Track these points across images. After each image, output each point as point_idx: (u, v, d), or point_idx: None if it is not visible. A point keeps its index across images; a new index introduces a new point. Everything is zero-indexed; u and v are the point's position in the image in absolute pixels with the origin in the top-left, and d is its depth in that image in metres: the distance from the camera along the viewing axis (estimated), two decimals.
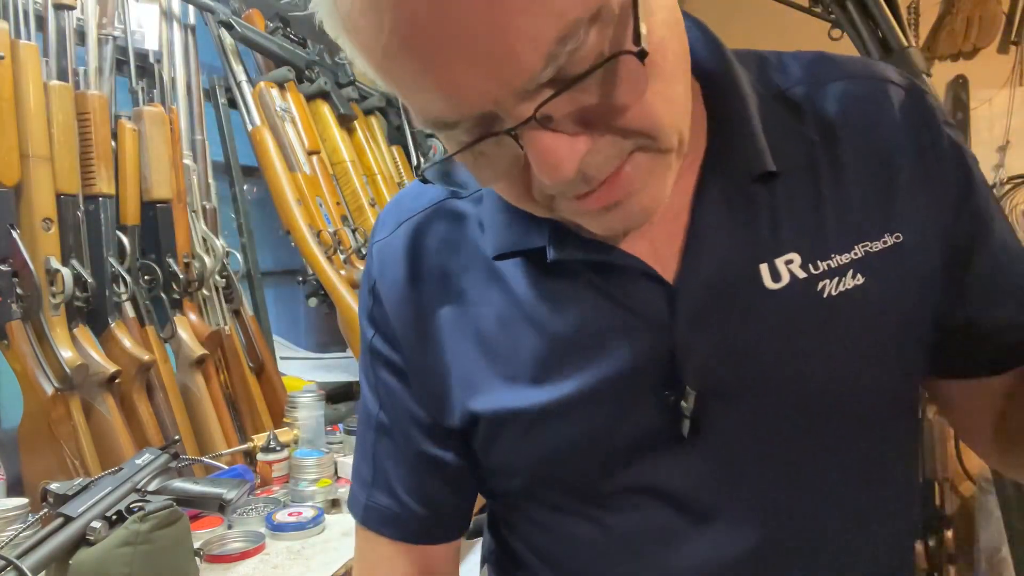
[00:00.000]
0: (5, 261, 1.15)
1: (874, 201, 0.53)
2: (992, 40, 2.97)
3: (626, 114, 0.42)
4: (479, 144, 0.42)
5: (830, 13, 1.69)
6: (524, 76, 0.38)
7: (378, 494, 0.65)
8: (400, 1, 0.37)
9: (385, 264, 0.62)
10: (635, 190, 0.45)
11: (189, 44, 1.63)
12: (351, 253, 1.83)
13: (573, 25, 0.37)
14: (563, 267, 0.54)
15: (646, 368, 0.53)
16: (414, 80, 0.41)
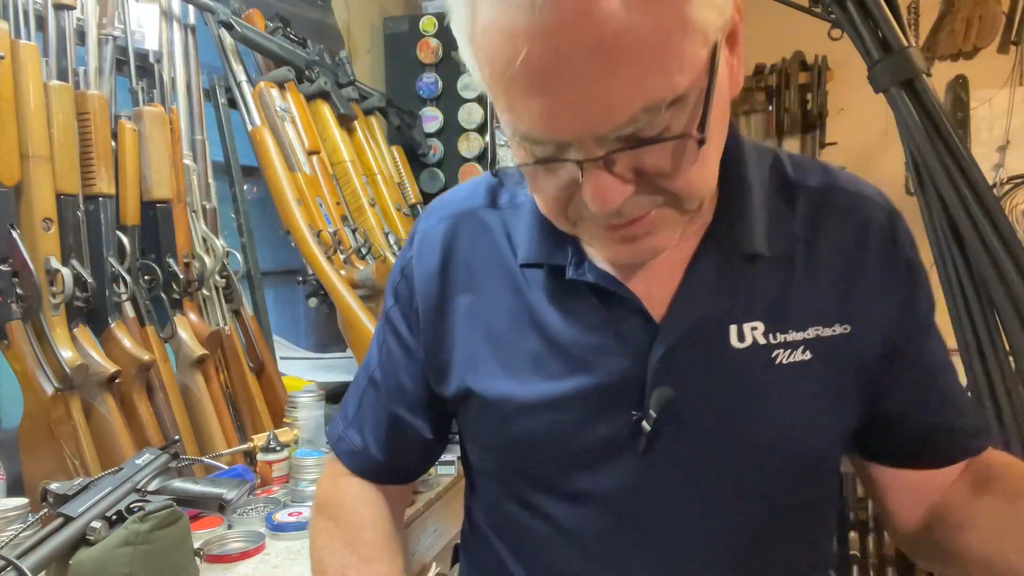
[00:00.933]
0: (5, 261, 1.15)
1: (834, 296, 0.64)
2: (992, 40, 2.97)
3: (671, 180, 0.53)
4: (550, 163, 0.54)
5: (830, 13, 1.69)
6: (608, 127, 0.49)
7: (352, 432, 0.80)
8: (537, 39, 0.46)
9: (423, 249, 0.73)
10: (650, 233, 0.57)
11: (189, 44, 1.63)
12: (351, 253, 1.83)
13: (658, 101, 0.48)
14: (575, 286, 0.65)
15: (621, 386, 0.64)
16: (524, 101, 0.50)
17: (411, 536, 1.31)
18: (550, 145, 0.52)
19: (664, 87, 0.48)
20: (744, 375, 0.64)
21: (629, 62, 0.46)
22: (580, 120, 0.49)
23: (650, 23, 0.46)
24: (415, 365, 0.75)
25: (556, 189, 0.56)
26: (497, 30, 0.48)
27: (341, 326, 1.76)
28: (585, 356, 0.65)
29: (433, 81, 2.44)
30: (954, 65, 3.03)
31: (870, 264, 0.66)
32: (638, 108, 0.48)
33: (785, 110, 3.10)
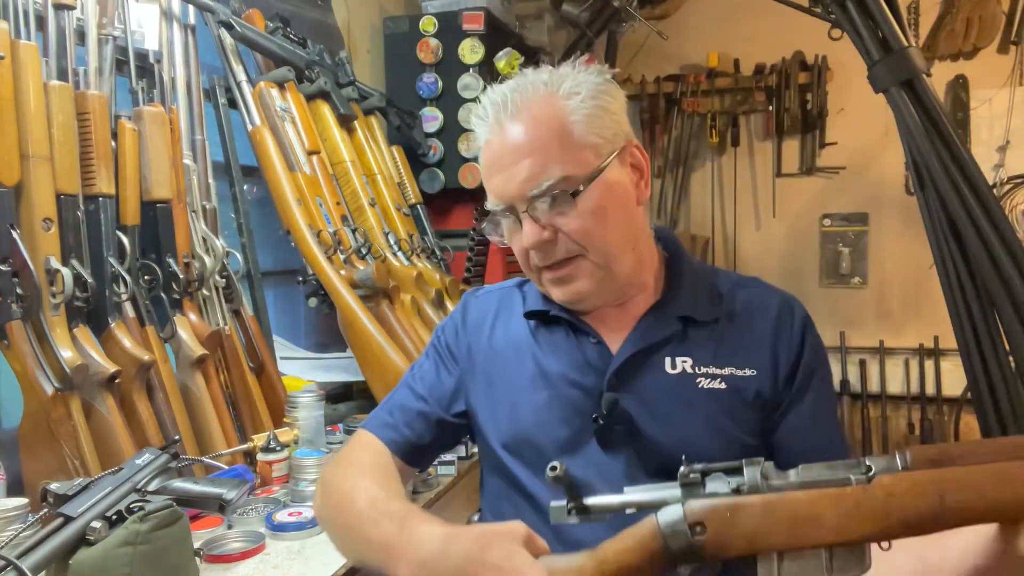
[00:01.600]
0: (5, 261, 1.15)
1: (745, 350, 0.93)
2: (992, 40, 2.97)
3: (570, 229, 0.88)
4: (506, 219, 0.93)
5: (830, 13, 1.69)
6: (526, 192, 0.88)
7: (383, 413, 1.03)
8: (494, 146, 0.91)
9: (466, 307, 1.08)
10: (572, 278, 0.92)
11: (189, 44, 1.63)
12: (351, 253, 1.83)
13: (552, 177, 0.87)
14: (557, 325, 0.98)
15: (586, 396, 0.92)
16: (488, 175, 0.93)
17: None
18: (505, 206, 0.91)
19: (555, 172, 0.87)
20: (674, 392, 0.91)
21: (534, 158, 0.88)
22: (515, 189, 0.89)
23: (545, 140, 0.88)
24: (449, 375, 1.04)
25: (517, 240, 0.92)
26: (485, 143, 0.93)
27: (341, 326, 1.77)
28: (563, 373, 0.95)
29: (433, 81, 2.44)
30: (954, 65, 3.03)
31: (772, 333, 0.94)
32: (541, 181, 0.87)
33: (785, 110, 3.09)
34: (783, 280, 3.21)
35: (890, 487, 0.57)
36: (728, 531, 0.61)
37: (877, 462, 0.60)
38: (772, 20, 3.03)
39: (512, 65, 2.41)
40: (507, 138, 0.89)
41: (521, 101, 0.90)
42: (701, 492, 0.64)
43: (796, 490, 0.61)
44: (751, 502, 0.61)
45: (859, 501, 0.58)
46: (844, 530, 0.58)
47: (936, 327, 2.92)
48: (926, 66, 1.59)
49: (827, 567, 0.59)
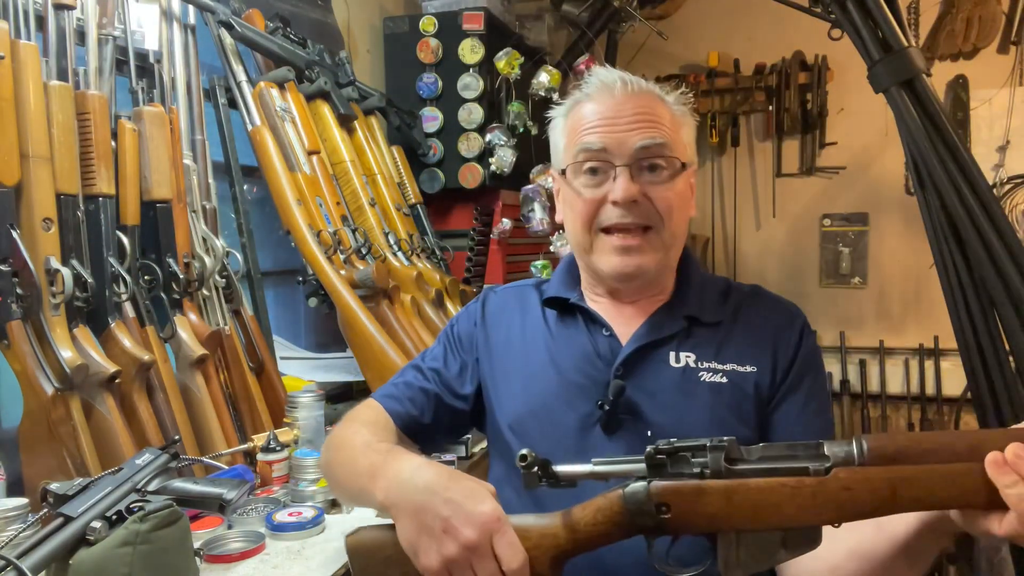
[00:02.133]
0: (5, 261, 1.15)
1: (748, 351, 0.98)
2: (992, 40, 2.97)
3: (659, 197, 0.94)
4: (599, 164, 0.96)
5: (830, 13, 1.69)
6: (638, 142, 0.94)
7: (390, 386, 1.09)
8: (617, 96, 0.98)
9: (484, 300, 1.13)
10: (641, 250, 0.96)
11: (189, 44, 1.63)
12: (351, 253, 1.83)
13: (661, 142, 0.95)
14: (574, 313, 1.03)
15: (596, 383, 0.97)
16: (596, 123, 0.97)
17: None
18: (603, 153, 0.95)
19: (668, 142, 0.95)
20: (677, 383, 0.96)
21: (655, 125, 0.96)
22: (627, 139, 0.94)
23: (664, 118, 0.97)
24: (456, 361, 1.08)
25: (594, 193, 0.96)
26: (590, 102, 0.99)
27: (341, 326, 1.76)
28: (575, 360, 1.00)
29: (433, 81, 2.44)
30: (954, 65, 3.03)
31: (772, 336, 1.00)
32: (657, 138, 0.94)
33: (785, 110, 3.09)
34: (783, 280, 3.21)
35: (846, 481, 0.61)
36: (691, 512, 0.65)
37: (836, 450, 0.63)
38: (772, 20, 3.03)
39: (512, 65, 2.41)
40: (630, 104, 0.96)
41: (644, 87, 0.99)
42: (667, 471, 0.67)
43: (757, 476, 0.64)
44: (714, 487, 0.65)
45: (815, 493, 0.61)
46: (800, 518, 0.62)
47: (936, 327, 2.92)
48: (926, 66, 1.59)
49: (782, 544, 0.63)
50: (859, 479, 0.61)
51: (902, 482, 0.60)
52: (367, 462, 0.87)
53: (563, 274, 1.08)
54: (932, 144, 1.56)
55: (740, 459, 0.66)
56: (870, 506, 0.61)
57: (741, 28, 3.23)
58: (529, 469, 0.72)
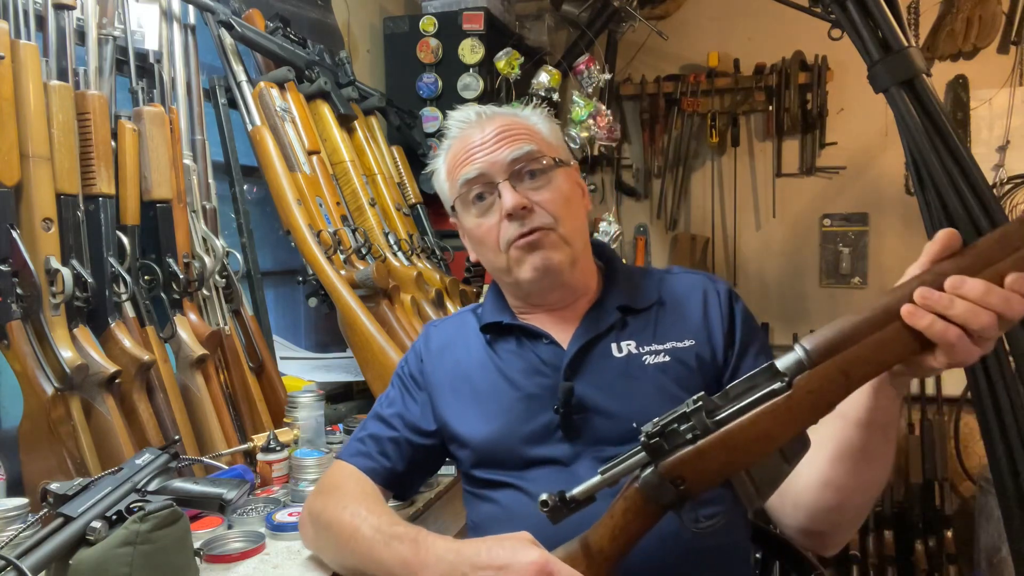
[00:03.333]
0: (5, 261, 1.15)
1: (683, 326, 1.04)
2: (992, 40, 2.96)
3: (542, 200, 1.01)
4: (479, 201, 1.04)
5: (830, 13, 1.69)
6: (508, 157, 1.02)
7: (357, 443, 1.09)
8: (475, 129, 1.06)
9: (427, 337, 1.16)
10: (543, 245, 1.00)
11: (189, 44, 1.63)
12: (351, 253, 1.83)
13: (540, 151, 1.03)
14: (510, 333, 1.07)
15: (548, 391, 1.01)
16: (466, 158, 1.04)
17: None
18: (482, 183, 1.03)
19: (534, 147, 1.02)
20: (623, 372, 1.00)
21: (515, 138, 1.03)
22: (497, 158, 1.02)
23: (522, 128, 1.05)
24: (414, 402, 1.10)
25: (490, 219, 1.03)
26: (458, 141, 1.06)
27: (341, 326, 1.76)
28: (523, 375, 1.03)
29: (433, 81, 2.44)
30: (954, 65, 3.03)
31: (701, 307, 1.05)
32: (524, 147, 1.02)
33: (785, 110, 3.09)
34: (783, 280, 3.22)
35: (808, 386, 0.68)
36: (701, 473, 0.72)
37: (787, 364, 0.70)
38: (772, 20, 3.03)
39: (512, 65, 2.41)
40: (489, 128, 1.04)
41: (496, 110, 1.08)
42: (665, 449, 0.73)
43: (739, 416, 0.71)
44: (710, 444, 0.72)
45: (790, 407, 0.69)
46: (787, 433, 0.70)
47: None
48: (926, 66, 1.58)
49: (784, 460, 0.71)
50: (817, 379, 0.68)
51: (850, 365, 0.68)
52: (393, 555, 0.88)
53: (494, 299, 1.12)
54: (932, 144, 1.56)
55: (717, 409, 0.73)
56: (834, 395, 0.69)
57: (741, 28, 3.23)
58: (555, 509, 0.77)
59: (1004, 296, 0.65)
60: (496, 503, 1.03)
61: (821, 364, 0.68)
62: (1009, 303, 0.65)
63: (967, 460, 2.96)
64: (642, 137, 3.33)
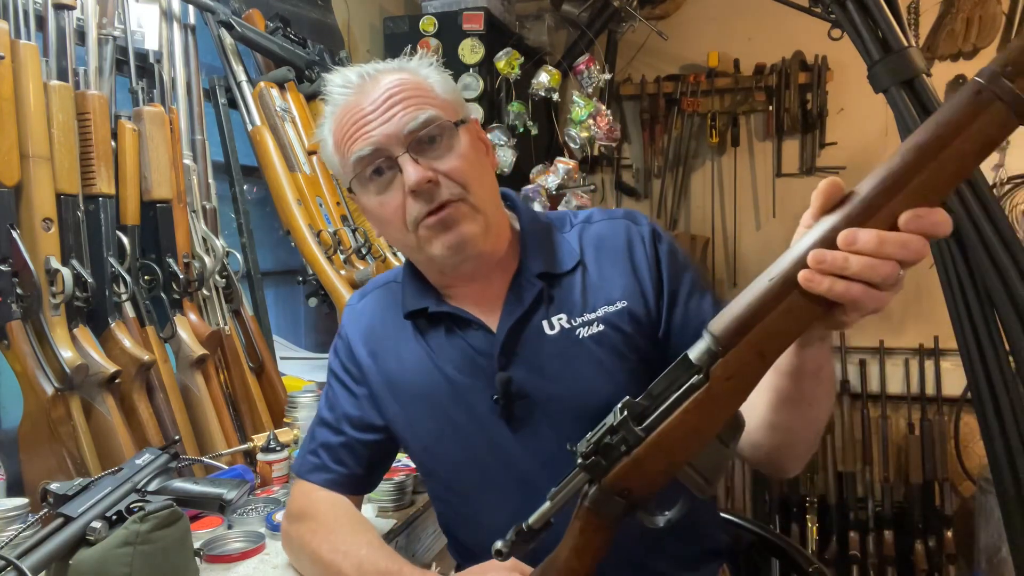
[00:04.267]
0: (5, 261, 1.15)
1: (611, 284, 0.96)
2: (992, 40, 2.96)
3: (448, 168, 0.90)
4: (379, 175, 0.92)
5: (830, 13, 1.69)
6: (405, 127, 0.89)
7: (311, 456, 1.05)
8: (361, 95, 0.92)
9: (351, 321, 1.07)
10: (455, 220, 0.90)
11: (189, 44, 1.63)
12: (351, 253, 1.83)
13: (436, 116, 0.91)
14: (438, 319, 0.99)
15: (482, 379, 0.95)
16: (357, 130, 0.91)
17: (410, 536, 1.31)
18: (380, 158, 0.90)
19: (430, 112, 0.90)
20: (559, 351, 0.94)
21: (408, 101, 0.91)
22: (391, 129, 0.89)
23: (413, 88, 0.92)
24: (355, 398, 1.04)
25: (393, 196, 0.91)
26: (343, 107, 0.93)
27: None
28: (456, 363, 0.97)
29: None
30: (954, 65, 3.03)
31: (626, 254, 0.97)
32: (419, 115, 0.89)
33: (785, 110, 3.09)
34: None
35: (724, 373, 0.67)
36: (645, 479, 0.72)
37: (699, 354, 0.68)
38: (772, 20, 3.03)
39: (512, 65, 2.41)
40: (377, 91, 0.91)
41: (381, 68, 0.95)
42: (603, 465, 0.72)
43: (666, 417, 0.70)
44: (645, 451, 0.71)
45: (712, 397, 0.68)
46: (716, 423, 0.69)
47: (936, 327, 2.92)
48: (926, 66, 1.58)
49: (723, 445, 0.70)
50: (732, 364, 0.67)
51: (761, 343, 0.66)
52: None
53: (411, 282, 1.02)
54: None
55: (644, 412, 0.71)
56: (753, 376, 0.67)
57: (741, 28, 3.23)
58: (515, 546, 0.77)
59: (900, 241, 0.60)
60: (453, 509, 1.03)
61: (733, 349, 0.66)
62: (907, 247, 0.60)
63: (967, 460, 2.95)
64: (642, 137, 3.33)
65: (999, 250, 1.53)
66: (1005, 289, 1.53)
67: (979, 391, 1.59)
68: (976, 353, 1.58)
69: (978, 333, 1.58)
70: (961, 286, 1.60)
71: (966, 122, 0.57)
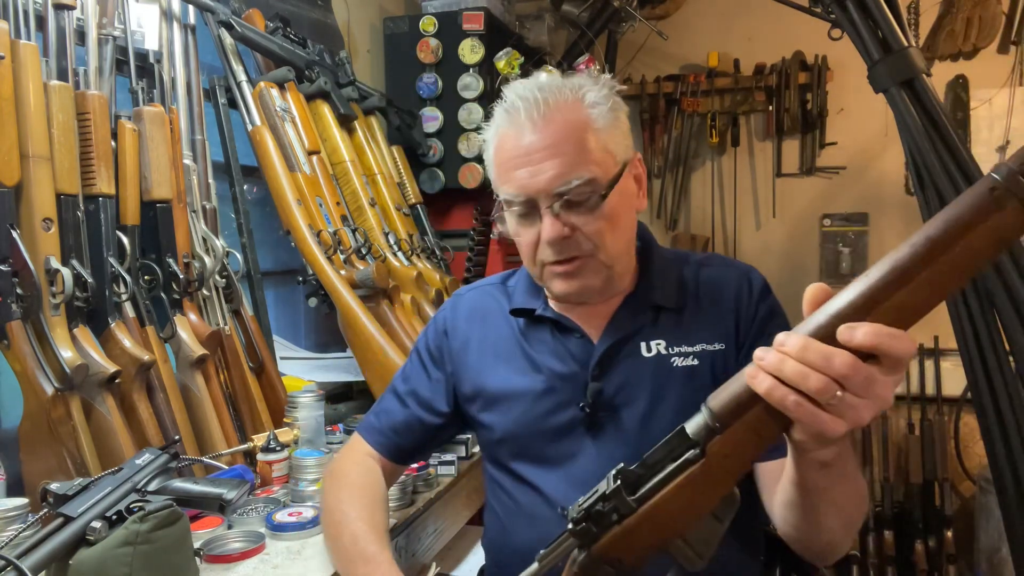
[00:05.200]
0: (5, 261, 1.15)
1: (713, 327, 1.00)
2: (992, 40, 2.96)
3: (587, 230, 0.94)
4: (519, 213, 0.97)
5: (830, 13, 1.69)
6: (554, 187, 0.92)
7: (372, 417, 1.16)
8: (525, 132, 0.94)
9: (458, 308, 1.15)
10: (582, 274, 0.96)
11: (189, 44, 1.63)
12: (351, 253, 1.83)
13: (578, 178, 0.92)
14: (542, 322, 1.05)
15: (573, 386, 1.00)
16: (510, 168, 0.95)
17: (411, 536, 1.31)
18: (524, 199, 0.95)
19: (583, 173, 0.92)
20: (652, 373, 0.99)
21: (564, 158, 0.92)
22: (540, 183, 0.92)
23: (573, 142, 0.92)
24: (429, 379, 1.12)
25: (529, 234, 0.96)
26: (507, 136, 0.96)
27: (341, 326, 1.77)
28: (550, 366, 1.02)
29: (433, 81, 2.44)
30: (954, 65, 3.03)
31: (733, 303, 1.01)
32: (571, 179, 0.92)
33: (785, 110, 3.09)
34: (783, 280, 3.21)
35: (721, 450, 0.65)
36: (635, 549, 0.70)
37: (696, 429, 0.66)
38: (772, 20, 3.03)
39: (512, 65, 2.41)
40: (538, 135, 0.92)
41: (553, 102, 0.93)
42: (594, 532, 0.70)
43: (659, 490, 0.68)
44: (635, 523, 0.69)
45: (707, 474, 0.66)
46: (710, 499, 0.67)
47: (936, 327, 2.92)
48: (926, 66, 1.58)
49: (717, 521, 0.69)
50: (728, 442, 0.65)
51: (758, 425, 0.64)
52: (354, 572, 0.96)
53: (527, 282, 1.09)
54: (932, 144, 1.56)
55: (639, 480, 0.69)
56: (750, 455, 0.65)
57: (741, 28, 3.23)
58: None
59: (822, 352, 0.56)
60: (516, 501, 1.05)
61: (730, 427, 0.64)
62: (829, 362, 0.56)
63: (967, 460, 2.95)
64: (642, 137, 3.33)
65: None
66: (1005, 289, 1.53)
67: (979, 391, 1.59)
68: (976, 353, 1.59)
69: (978, 333, 1.58)
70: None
71: (978, 220, 0.55)
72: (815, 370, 0.57)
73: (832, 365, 0.56)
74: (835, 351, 0.57)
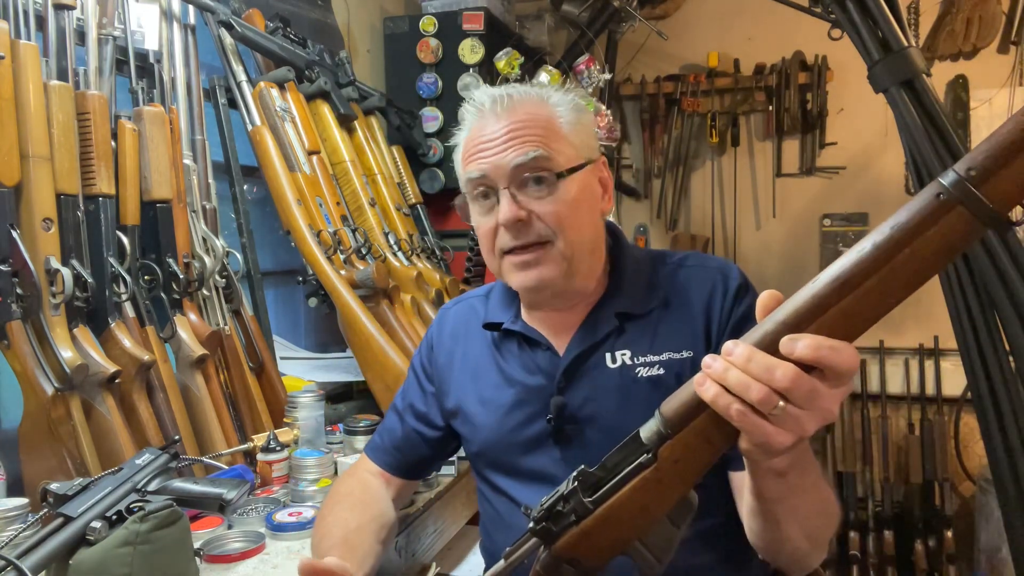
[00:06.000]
0: (5, 261, 1.15)
1: (682, 333, 0.97)
2: (992, 40, 2.96)
3: (544, 212, 0.93)
4: (481, 200, 0.98)
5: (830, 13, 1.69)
6: (512, 163, 0.93)
7: (375, 437, 1.19)
8: (489, 122, 0.97)
9: (443, 324, 1.17)
10: (538, 263, 0.95)
11: (189, 44, 1.63)
12: (351, 253, 1.83)
13: (547, 158, 0.94)
14: (511, 336, 1.05)
15: (540, 399, 1.00)
16: (473, 153, 0.97)
17: (411, 536, 1.31)
18: (484, 185, 0.96)
19: (542, 153, 0.93)
20: (616, 385, 0.97)
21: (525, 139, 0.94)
22: (501, 162, 0.94)
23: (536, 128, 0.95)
24: (425, 394, 1.14)
25: (487, 221, 0.97)
26: (474, 127, 0.98)
27: (341, 326, 1.76)
28: (520, 380, 1.03)
29: (433, 81, 2.44)
30: (954, 65, 3.03)
31: (705, 306, 0.98)
32: (528, 152, 0.93)
33: (785, 110, 3.09)
34: (783, 280, 3.21)
35: (672, 455, 0.66)
36: (593, 550, 0.70)
37: (649, 434, 0.67)
38: (772, 20, 3.03)
39: (512, 65, 2.40)
40: (502, 123, 0.95)
41: (518, 97, 0.98)
42: (554, 532, 0.71)
43: (614, 492, 0.68)
44: (592, 524, 0.70)
45: (659, 479, 0.66)
46: (665, 503, 0.67)
47: (936, 327, 2.92)
48: (926, 66, 1.58)
49: (673, 525, 0.69)
50: (679, 447, 0.65)
51: (707, 431, 0.64)
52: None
53: (501, 295, 1.10)
54: (932, 144, 1.56)
55: (598, 482, 0.70)
56: (702, 462, 0.65)
57: (741, 28, 3.23)
58: None
59: (765, 364, 0.56)
60: (496, 509, 1.07)
61: (680, 433, 0.64)
62: (771, 374, 0.56)
63: (967, 460, 2.95)
64: (642, 137, 3.33)
65: (999, 250, 1.53)
66: (1005, 289, 1.53)
67: (979, 391, 1.59)
68: (976, 353, 1.59)
69: (978, 333, 1.58)
70: (961, 286, 1.61)
71: (925, 226, 0.54)
72: (757, 381, 0.57)
73: (774, 377, 0.56)
74: (778, 363, 0.57)
